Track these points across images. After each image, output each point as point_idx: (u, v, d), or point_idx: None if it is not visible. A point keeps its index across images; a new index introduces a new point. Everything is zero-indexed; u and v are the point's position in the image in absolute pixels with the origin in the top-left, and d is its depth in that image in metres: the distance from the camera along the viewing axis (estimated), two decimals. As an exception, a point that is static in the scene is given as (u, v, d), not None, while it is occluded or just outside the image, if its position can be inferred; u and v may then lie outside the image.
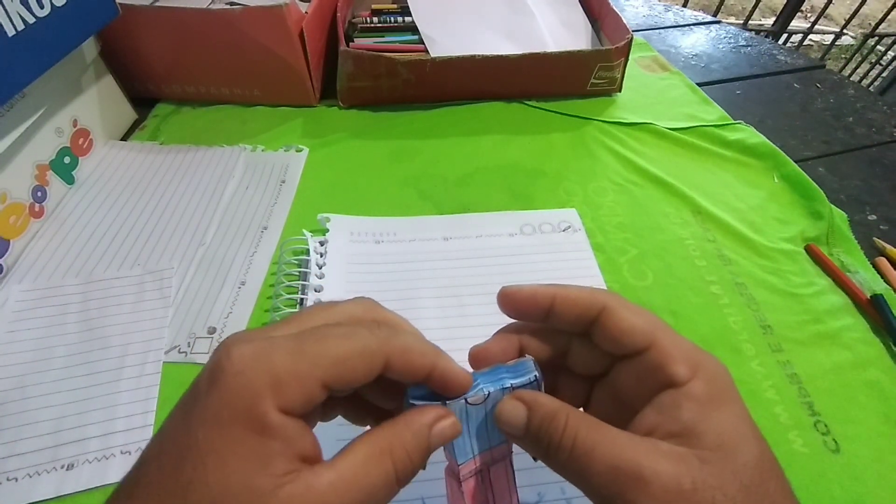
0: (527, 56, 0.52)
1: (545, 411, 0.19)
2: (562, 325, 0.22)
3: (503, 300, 0.22)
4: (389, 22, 0.59)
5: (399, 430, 0.18)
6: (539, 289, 0.21)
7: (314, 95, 0.54)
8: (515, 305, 0.22)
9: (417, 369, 0.18)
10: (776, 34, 1.66)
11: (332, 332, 0.18)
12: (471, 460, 0.21)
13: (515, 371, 0.21)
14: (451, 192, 0.46)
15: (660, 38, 0.73)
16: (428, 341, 0.20)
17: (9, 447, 0.28)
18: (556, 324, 0.22)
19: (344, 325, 0.18)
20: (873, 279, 0.40)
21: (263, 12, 0.46)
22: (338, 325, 0.18)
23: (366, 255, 0.39)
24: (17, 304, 0.35)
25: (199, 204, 0.43)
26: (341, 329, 0.18)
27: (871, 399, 0.33)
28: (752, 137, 0.52)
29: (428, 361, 0.19)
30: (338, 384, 0.17)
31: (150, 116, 0.53)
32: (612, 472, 0.17)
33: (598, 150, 0.51)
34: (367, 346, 0.17)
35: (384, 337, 0.18)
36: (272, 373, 0.16)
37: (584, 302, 0.21)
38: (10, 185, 0.38)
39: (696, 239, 0.43)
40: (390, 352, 0.18)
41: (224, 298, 0.36)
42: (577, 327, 0.21)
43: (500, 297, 0.22)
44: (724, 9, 2.07)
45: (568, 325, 0.21)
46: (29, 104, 0.38)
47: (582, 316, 0.21)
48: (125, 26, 0.46)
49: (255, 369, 0.16)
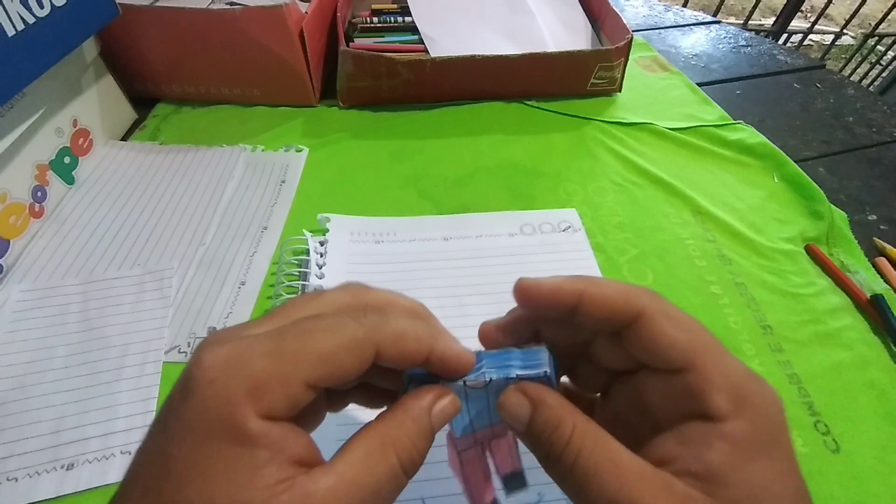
0: (527, 56, 0.52)
1: (550, 416, 0.17)
2: (588, 326, 0.19)
3: (521, 294, 0.19)
4: (389, 22, 0.59)
5: (398, 418, 0.17)
6: (564, 284, 0.19)
7: (314, 95, 0.54)
8: (534, 301, 0.19)
9: (413, 355, 0.17)
10: (776, 34, 1.66)
11: (314, 325, 0.16)
12: (470, 435, 0.20)
13: (526, 359, 0.19)
14: (451, 192, 0.46)
15: (660, 38, 0.73)
16: (424, 321, 0.18)
17: (9, 447, 0.28)
18: (581, 323, 0.19)
19: (327, 317, 0.17)
20: (873, 279, 0.40)
21: (263, 12, 0.46)
22: (320, 316, 0.17)
23: (366, 255, 0.39)
24: (17, 304, 0.35)
25: (199, 204, 0.43)
26: (324, 321, 0.16)
27: (871, 399, 0.33)
28: (752, 137, 0.52)
29: (424, 346, 0.17)
30: (325, 382, 0.16)
31: (150, 116, 0.53)
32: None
33: (598, 150, 0.51)
34: (353, 337, 0.16)
35: (372, 325, 0.17)
36: (249, 378, 0.15)
37: (617, 304, 0.18)
38: (10, 185, 0.38)
39: (696, 239, 0.43)
40: (380, 340, 0.16)
41: (224, 298, 0.36)
42: (606, 329, 0.19)
43: (517, 290, 0.19)
44: (724, 9, 2.07)
45: (595, 327, 0.19)
46: (29, 104, 0.38)
47: (613, 320, 0.18)
48: (125, 26, 0.46)
49: (230, 375, 0.15)
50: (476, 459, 0.21)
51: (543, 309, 0.19)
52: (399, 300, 0.19)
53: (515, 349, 0.20)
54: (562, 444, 0.17)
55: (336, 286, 0.19)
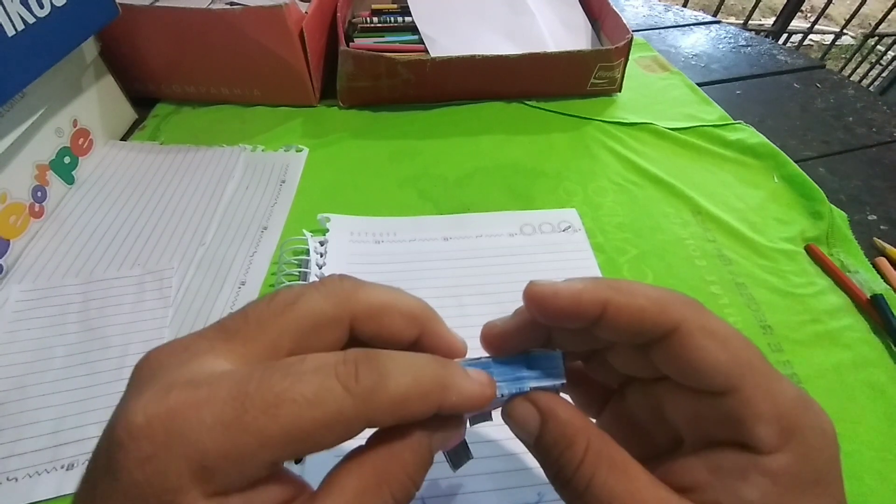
0: (527, 56, 0.52)
1: (561, 431, 0.16)
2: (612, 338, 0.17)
3: (533, 303, 0.17)
4: (389, 22, 0.59)
5: (395, 449, 0.15)
6: (585, 291, 0.16)
7: (314, 95, 0.54)
8: (549, 312, 0.16)
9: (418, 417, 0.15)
10: (776, 34, 1.66)
11: (289, 391, 0.13)
12: None
13: (540, 368, 0.17)
14: (451, 192, 0.46)
15: (660, 38, 0.73)
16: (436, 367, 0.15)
17: (9, 447, 0.28)
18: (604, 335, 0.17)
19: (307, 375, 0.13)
20: (873, 279, 0.40)
21: (263, 12, 0.46)
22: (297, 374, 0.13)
23: (366, 255, 0.39)
24: (17, 304, 0.35)
25: (199, 204, 0.43)
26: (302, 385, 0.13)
27: (871, 399, 0.33)
28: (752, 137, 0.52)
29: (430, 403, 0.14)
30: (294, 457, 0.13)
31: (150, 116, 0.53)
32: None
33: (598, 150, 0.51)
34: (339, 412, 0.13)
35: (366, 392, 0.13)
36: (197, 452, 0.12)
37: (648, 317, 0.15)
38: (10, 185, 0.38)
39: (696, 239, 0.43)
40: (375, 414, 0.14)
41: (224, 298, 0.36)
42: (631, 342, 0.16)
43: (528, 298, 0.17)
44: (724, 9, 2.07)
45: (618, 339, 0.17)
46: (29, 104, 0.38)
47: (642, 334, 0.16)
48: (125, 26, 0.46)
49: (172, 452, 0.11)
50: None
51: (560, 321, 0.17)
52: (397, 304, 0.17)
53: (526, 355, 0.18)
54: (573, 465, 0.15)
55: (317, 283, 0.16)
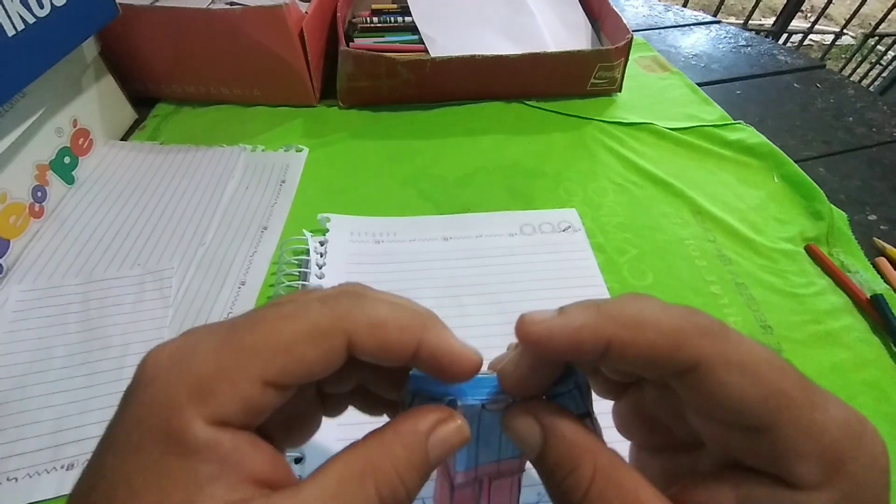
0: (527, 56, 0.52)
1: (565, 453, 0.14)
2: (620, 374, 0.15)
3: (527, 336, 0.15)
4: (389, 22, 0.59)
5: (387, 442, 0.14)
6: (585, 327, 0.14)
7: (314, 95, 0.54)
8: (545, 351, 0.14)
9: (395, 347, 0.14)
10: (776, 34, 1.66)
11: (271, 312, 0.14)
12: (472, 469, 0.17)
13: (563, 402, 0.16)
14: (451, 192, 0.46)
15: (660, 38, 0.73)
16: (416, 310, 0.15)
17: (9, 447, 0.28)
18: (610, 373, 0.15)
19: (290, 302, 0.14)
20: (873, 279, 0.40)
21: (263, 12, 0.46)
22: (281, 303, 0.14)
23: (366, 255, 0.39)
24: (17, 304, 0.35)
25: (199, 204, 0.43)
26: (284, 308, 0.14)
27: (871, 399, 0.33)
28: (752, 137, 0.52)
29: (409, 337, 0.14)
30: (287, 378, 0.13)
31: (150, 116, 0.53)
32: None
33: (598, 150, 0.51)
34: (316, 323, 0.13)
35: (343, 309, 0.14)
36: (193, 375, 0.12)
37: (661, 353, 0.13)
38: (10, 185, 0.38)
39: (696, 239, 0.43)
40: (352, 327, 0.13)
41: (224, 298, 0.36)
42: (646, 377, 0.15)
43: (521, 330, 0.15)
44: (724, 9, 2.07)
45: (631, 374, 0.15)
46: (29, 104, 0.38)
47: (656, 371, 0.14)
48: (125, 26, 0.46)
49: (172, 374, 0.12)
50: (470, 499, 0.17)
51: (558, 358, 0.15)
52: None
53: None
54: (579, 493, 0.14)
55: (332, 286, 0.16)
